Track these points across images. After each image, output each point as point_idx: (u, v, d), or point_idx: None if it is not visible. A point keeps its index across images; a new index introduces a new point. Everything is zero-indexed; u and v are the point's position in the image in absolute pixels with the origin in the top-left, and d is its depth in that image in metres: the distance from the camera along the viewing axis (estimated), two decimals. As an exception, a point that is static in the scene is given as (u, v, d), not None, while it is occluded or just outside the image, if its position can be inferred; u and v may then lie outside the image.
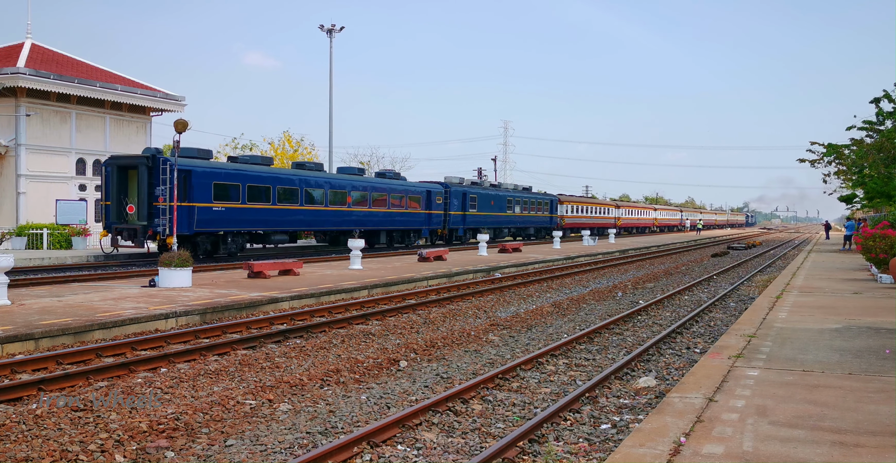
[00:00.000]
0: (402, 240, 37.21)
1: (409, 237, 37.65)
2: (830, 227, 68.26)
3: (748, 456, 4.79)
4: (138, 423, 6.67)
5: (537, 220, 51.60)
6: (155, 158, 23.37)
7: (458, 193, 40.59)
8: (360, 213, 32.69)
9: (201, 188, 24.29)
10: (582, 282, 21.10)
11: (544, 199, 53.51)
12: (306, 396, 7.85)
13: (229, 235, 26.07)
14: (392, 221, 35.06)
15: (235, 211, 25.69)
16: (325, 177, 31.29)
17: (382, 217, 34.25)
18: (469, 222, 41.61)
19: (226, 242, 26.08)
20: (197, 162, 24.73)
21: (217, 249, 25.94)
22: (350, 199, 31.89)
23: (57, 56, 33.47)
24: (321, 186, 30.26)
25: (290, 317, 12.75)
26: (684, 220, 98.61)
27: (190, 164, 24.05)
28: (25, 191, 30.04)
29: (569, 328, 12.73)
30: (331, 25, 47.96)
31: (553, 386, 8.50)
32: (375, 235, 34.87)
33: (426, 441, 6.37)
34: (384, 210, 34.29)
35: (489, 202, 43.99)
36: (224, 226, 25.44)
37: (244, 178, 26.25)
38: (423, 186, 38.21)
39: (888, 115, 31.28)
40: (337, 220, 31.15)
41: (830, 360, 8.00)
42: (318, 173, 31.28)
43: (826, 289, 16.07)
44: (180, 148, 23.84)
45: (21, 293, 14.16)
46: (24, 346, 9.69)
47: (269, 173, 27.61)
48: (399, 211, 35.44)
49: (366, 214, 33.03)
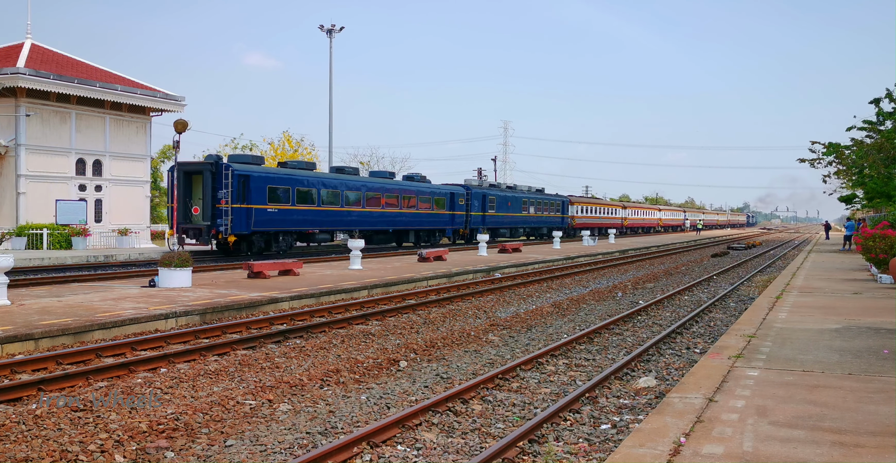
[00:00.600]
0: (429, 238, 39.42)
1: (434, 236, 39.84)
2: (830, 228, 68.23)
3: (748, 456, 4.79)
4: (138, 423, 6.67)
5: (550, 220, 53.85)
6: (218, 164, 25.56)
7: (479, 195, 43.10)
8: (393, 214, 35.13)
9: (258, 192, 26.52)
10: (582, 282, 21.09)
11: (556, 200, 55.74)
12: (306, 396, 7.85)
13: (280, 234, 28.21)
14: (420, 221, 37.50)
15: (286, 212, 27.99)
16: (362, 180, 33.68)
17: (412, 217, 36.73)
18: (488, 222, 43.94)
19: (277, 240, 28.24)
20: (254, 167, 26.96)
21: (269, 246, 27.98)
22: (384, 201, 34.34)
23: (57, 56, 33.45)
24: (358, 189, 32.71)
25: (290, 317, 12.75)
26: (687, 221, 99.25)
27: (248, 170, 26.34)
28: (25, 191, 30.03)
29: (569, 328, 12.73)
30: (331, 25, 47.99)
31: (553, 386, 8.50)
32: (405, 234, 37.36)
33: (426, 441, 6.37)
34: (413, 211, 36.79)
35: (507, 203, 46.53)
36: (277, 226, 27.65)
37: (293, 182, 28.64)
38: (447, 189, 40.59)
39: (888, 115, 31.28)
40: (372, 220, 33.62)
41: (830, 360, 8.00)
42: (356, 177, 33.69)
43: (826, 289, 16.07)
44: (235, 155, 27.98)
45: (21, 293, 14.16)
46: (24, 346, 9.68)
47: (314, 177, 30.23)
48: (426, 212, 37.91)
49: (397, 215, 35.43)
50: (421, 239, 38.70)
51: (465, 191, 41.89)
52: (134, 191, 34.40)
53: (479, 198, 43.10)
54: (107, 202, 33.13)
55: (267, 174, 27.38)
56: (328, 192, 30.63)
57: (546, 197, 54.12)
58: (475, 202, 42.70)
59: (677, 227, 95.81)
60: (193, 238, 25.87)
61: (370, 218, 33.44)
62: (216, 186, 25.39)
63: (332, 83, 48.50)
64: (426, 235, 39.19)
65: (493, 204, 44.69)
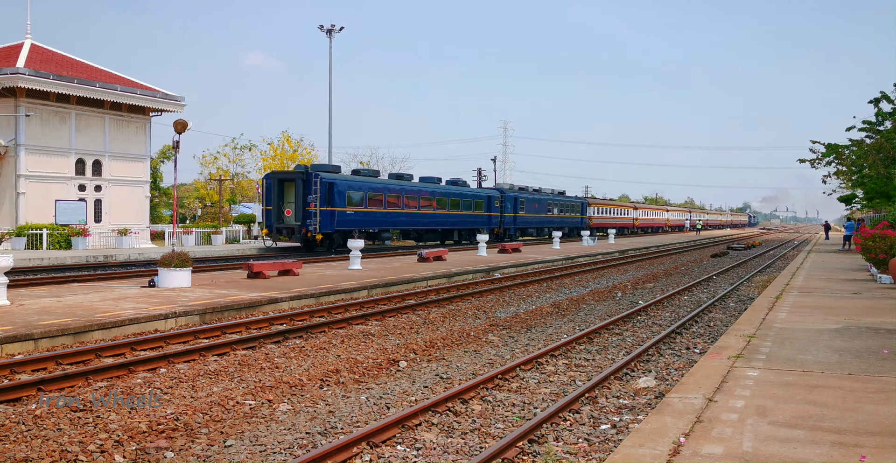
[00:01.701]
0: (469, 237, 42.80)
1: (473, 235, 42.51)
2: (830, 228, 68.22)
3: (748, 456, 4.79)
4: (138, 423, 6.67)
5: (571, 220, 58.00)
6: (308, 173, 30.09)
7: (511, 198, 47.29)
8: (442, 215, 39.56)
9: (340, 196, 30.99)
10: (581, 282, 21.10)
11: (576, 201, 60.48)
12: (306, 396, 7.85)
13: (355, 232, 32.40)
14: (463, 222, 41.71)
15: (361, 213, 32.73)
16: (418, 186, 38.06)
17: (457, 218, 41.06)
18: (519, 222, 48.46)
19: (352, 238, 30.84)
20: (336, 176, 31.65)
21: (345, 243, 30.16)
22: (434, 203, 38.69)
23: (56, 56, 33.44)
24: (415, 194, 37.17)
25: (290, 317, 12.75)
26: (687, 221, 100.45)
27: (332, 178, 30.81)
28: (25, 191, 30.01)
29: (568, 329, 12.73)
30: (330, 26, 47.97)
31: (553, 386, 8.50)
32: (450, 233, 41.58)
33: (426, 441, 6.37)
34: (458, 212, 41.06)
35: (534, 205, 50.91)
36: (353, 225, 32.15)
37: (366, 187, 33.24)
38: (485, 192, 45.11)
39: (887, 115, 31.29)
40: (425, 220, 38.05)
41: (830, 360, 8.00)
42: (412, 183, 37.92)
43: (825, 289, 16.07)
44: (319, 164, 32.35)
45: (20, 293, 14.16)
46: (24, 346, 9.68)
47: (381, 183, 34.74)
48: (468, 213, 42.22)
49: (446, 216, 39.83)
50: (463, 237, 42.40)
51: (499, 194, 45.95)
52: (133, 191, 34.39)
53: (511, 200, 47.17)
54: (106, 202, 33.11)
55: (346, 181, 32.05)
56: (391, 196, 35.05)
57: (567, 199, 58.67)
58: (508, 204, 46.80)
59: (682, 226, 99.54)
60: (287, 236, 30.09)
61: (424, 219, 37.83)
62: (306, 192, 29.73)
63: (331, 83, 48.52)
64: (467, 234, 42.79)
65: (523, 206, 48.91)
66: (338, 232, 31.29)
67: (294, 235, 29.85)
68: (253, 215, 44.32)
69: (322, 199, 29.92)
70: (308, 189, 29.81)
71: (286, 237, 30.38)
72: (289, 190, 30.80)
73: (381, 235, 35.01)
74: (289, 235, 30.06)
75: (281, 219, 30.47)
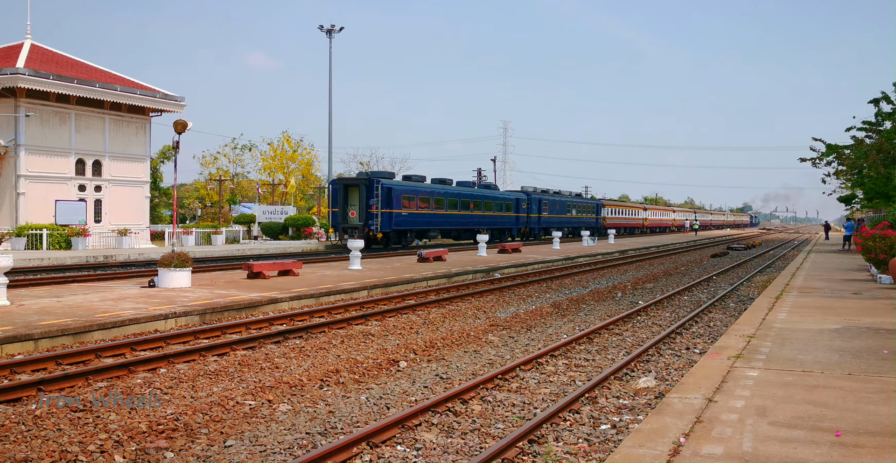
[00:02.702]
0: (500, 236, 46.58)
1: (503, 234, 47.27)
2: (830, 228, 68.21)
3: (748, 456, 4.79)
4: (137, 423, 6.67)
5: (588, 221, 62.19)
6: (370, 180, 34.21)
7: (536, 200, 51.57)
8: (478, 217, 43.46)
9: (396, 200, 35.01)
10: (581, 282, 21.10)
11: (592, 203, 65.15)
12: (306, 396, 7.85)
13: (408, 231, 36.92)
14: (495, 222, 45.71)
15: (413, 215, 36.74)
16: (457, 190, 42.14)
17: (491, 219, 45.07)
18: (542, 223, 52.79)
19: (406, 236, 36.95)
20: (392, 181, 35.94)
21: (399, 241, 36.41)
22: (471, 205, 42.67)
23: (56, 56, 33.43)
24: (456, 197, 41.21)
25: (290, 317, 12.75)
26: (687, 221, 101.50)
27: (390, 183, 35.04)
28: (25, 191, 30.01)
29: (568, 329, 12.73)
30: (330, 26, 47.98)
31: (552, 386, 8.50)
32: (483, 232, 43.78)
33: (426, 442, 6.37)
34: (491, 214, 45.18)
35: (556, 207, 55.32)
36: (407, 225, 36.40)
37: (416, 192, 37.30)
38: (514, 195, 49.28)
39: (887, 115, 31.29)
40: (464, 221, 42.05)
41: (830, 360, 8.01)
42: (452, 187, 42.32)
43: (825, 289, 16.07)
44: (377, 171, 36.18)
45: (20, 294, 14.16)
46: (24, 346, 9.68)
47: (428, 188, 38.92)
48: (500, 214, 46.38)
49: (481, 217, 43.85)
50: (495, 236, 45.57)
51: (525, 197, 50.19)
52: (133, 191, 34.38)
53: (536, 202, 51.48)
54: (106, 202, 33.11)
55: (401, 186, 36.01)
56: (437, 199, 39.10)
57: (584, 201, 63.90)
58: (533, 206, 51.01)
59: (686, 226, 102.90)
60: (351, 235, 33.50)
61: (462, 219, 41.89)
62: (368, 196, 33.69)
63: (331, 83, 48.54)
64: (498, 233, 46.36)
65: (546, 207, 53.21)
66: (394, 231, 35.40)
67: (357, 233, 33.65)
68: (253, 215, 44.30)
69: (382, 202, 33.89)
70: (370, 193, 33.75)
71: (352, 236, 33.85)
72: (352, 194, 34.66)
73: (427, 234, 39.62)
74: (353, 233, 33.88)
75: (346, 219, 34.54)
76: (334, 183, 35.68)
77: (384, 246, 34.77)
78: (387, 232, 34.56)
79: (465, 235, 43.19)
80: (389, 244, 35.32)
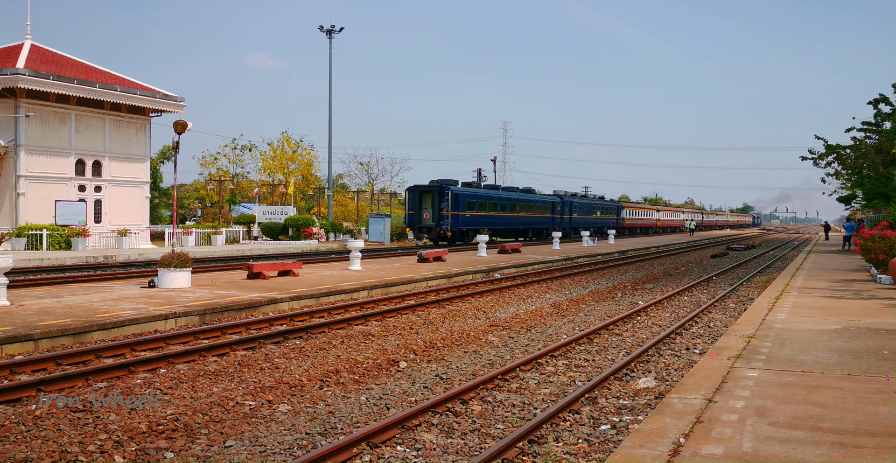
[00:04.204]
0: (538, 235, 53.02)
1: (541, 233, 53.26)
2: (830, 228, 68.20)
3: (748, 457, 4.79)
4: (137, 424, 6.67)
5: (610, 221, 68.15)
6: (441, 187, 40.40)
7: (568, 203, 57.86)
8: (523, 218, 49.71)
9: (462, 204, 41.26)
10: (581, 283, 21.10)
11: (613, 205, 71.33)
12: (306, 396, 7.85)
13: (470, 231, 42.66)
14: (536, 222, 52.17)
15: (475, 216, 42.78)
16: (506, 194, 48.33)
17: (533, 220, 51.60)
18: (573, 223, 58.93)
19: (467, 234, 42.70)
20: (459, 188, 42.13)
21: (462, 238, 42.06)
22: (518, 208, 48.84)
23: (56, 56, 33.42)
24: (506, 201, 47.37)
25: (290, 318, 12.75)
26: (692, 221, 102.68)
27: (458, 190, 41.32)
28: (25, 192, 30.00)
29: (568, 329, 12.73)
30: (330, 26, 48.00)
31: (552, 387, 8.50)
32: (526, 232, 51.36)
33: (425, 442, 6.37)
34: (533, 215, 51.47)
35: (584, 208, 61.61)
36: (470, 225, 42.23)
37: (476, 197, 43.34)
38: (550, 198, 55.51)
39: (886, 116, 31.30)
40: (512, 221, 48.22)
41: (830, 360, 8.01)
42: (502, 192, 48.27)
43: (825, 290, 16.08)
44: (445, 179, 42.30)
45: (20, 294, 14.16)
46: (24, 347, 9.68)
47: (484, 193, 45.12)
48: (540, 215, 52.69)
49: (525, 218, 50.23)
50: (534, 235, 52.30)
51: (559, 200, 56.43)
52: (133, 191, 34.37)
53: (567, 205, 57.69)
54: (106, 203, 33.10)
55: (465, 192, 42.24)
56: (491, 202, 45.01)
57: (607, 203, 69.84)
58: (565, 208, 56.97)
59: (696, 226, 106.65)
60: (426, 234, 40.39)
61: (511, 220, 47.96)
62: (440, 200, 39.99)
63: (331, 84, 48.55)
64: (536, 232, 52.75)
65: (575, 209, 59.37)
66: (459, 230, 41.32)
67: (431, 232, 40.05)
68: (253, 216, 44.28)
69: (451, 205, 40.05)
70: (441, 198, 40.11)
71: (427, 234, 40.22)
72: (426, 199, 40.98)
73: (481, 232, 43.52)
74: (427, 232, 40.20)
75: (420, 221, 40.79)
76: (411, 190, 42.29)
77: (450, 243, 40.57)
78: (454, 231, 40.57)
79: (509, 234, 49.19)
80: (454, 241, 41.07)
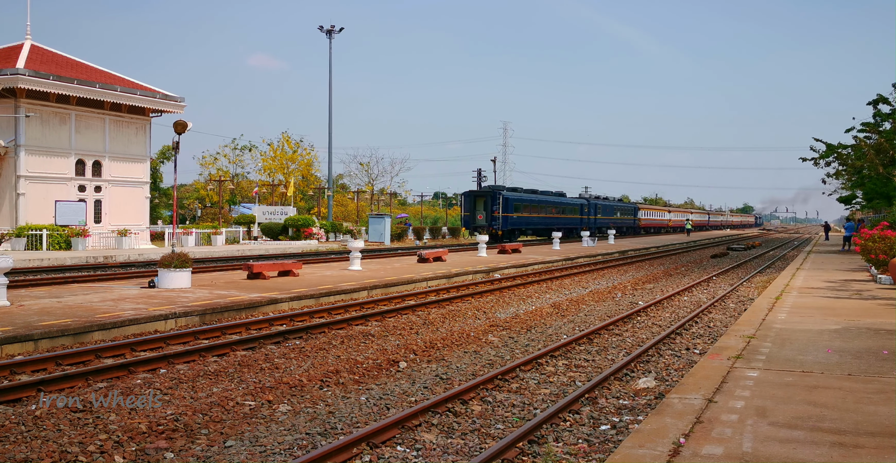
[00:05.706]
0: (570, 233, 57.77)
1: (571, 232, 58.15)
2: (830, 228, 68.22)
3: (748, 457, 4.79)
4: (137, 424, 6.67)
5: (627, 221, 74.64)
6: (493, 192, 47.02)
7: (593, 205, 64.65)
8: (557, 218, 56.04)
9: (511, 206, 47.52)
10: (581, 283, 21.10)
11: (631, 206, 79.15)
12: (306, 397, 7.85)
13: (516, 230, 49.24)
14: (569, 223, 58.64)
15: (521, 218, 49.37)
16: (544, 197, 54.97)
17: (566, 220, 58.05)
18: (598, 223, 65.01)
19: (514, 234, 48.87)
20: (507, 193, 48.17)
21: (510, 237, 47.65)
22: (554, 210, 55.75)
23: (56, 57, 33.42)
24: (546, 203, 54.30)
25: (290, 318, 12.75)
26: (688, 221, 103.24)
27: (507, 194, 47.36)
28: (25, 192, 30.00)
29: (568, 329, 12.73)
30: (330, 26, 48.01)
31: (552, 387, 8.50)
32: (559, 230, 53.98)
33: (425, 442, 6.37)
34: (566, 216, 58.29)
35: (607, 210, 68.35)
36: (517, 225, 48.75)
37: (521, 200, 49.44)
38: (579, 201, 62.57)
39: (886, 116, 31.30)
40: (550, 221, 54.44)
41: (830, 361, 8.01)
42: (542, 196, 54.99)
43: (825, 290, 16.08)
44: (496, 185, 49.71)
45: (20, 294, 14.16)
46: (24, 347, 9.68)
47: (527, 196, 51.54)
48: (571, 216, 59.53)
49: (559, 219, 56.51)
50: (567, 234, 55.98)
51: (586, 202, 63.48)
52: (133, 192, 34.37)
53: (593, 207, 64.27)
54: (106, 203, 33.10)
55: (514, 196, 48.55)
56: (532, 205, 51.37)
57: (626, 205, 78.36)
58: (591, 210, 63.43)
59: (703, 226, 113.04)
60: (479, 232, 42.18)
61: (548, 220, 54.28)
62: (492, 203, 46.36)
63: (331, 84, 48.57)
64: (568, 231, 57.20)
65: (599, 211, 65.60)
66: (508, 230, 47.32)
67: (483, 230, 44.14)
68: (253, 216, 44.28)
69: (502, 208, 46.29)
70: (493, 201, 46.44)
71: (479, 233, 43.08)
72: (479, 202, 47.58)
73: (525, 232, 52.28)
74: (479, 231, 43.82)
75: (475, 221, 47.59)
76: (466, 194, 49.36)
77: (498, 241, 44.55)
78: (504, 230, 46.52)
79: (544, 233, 54.24)
80: (502, 239, 45.94)
